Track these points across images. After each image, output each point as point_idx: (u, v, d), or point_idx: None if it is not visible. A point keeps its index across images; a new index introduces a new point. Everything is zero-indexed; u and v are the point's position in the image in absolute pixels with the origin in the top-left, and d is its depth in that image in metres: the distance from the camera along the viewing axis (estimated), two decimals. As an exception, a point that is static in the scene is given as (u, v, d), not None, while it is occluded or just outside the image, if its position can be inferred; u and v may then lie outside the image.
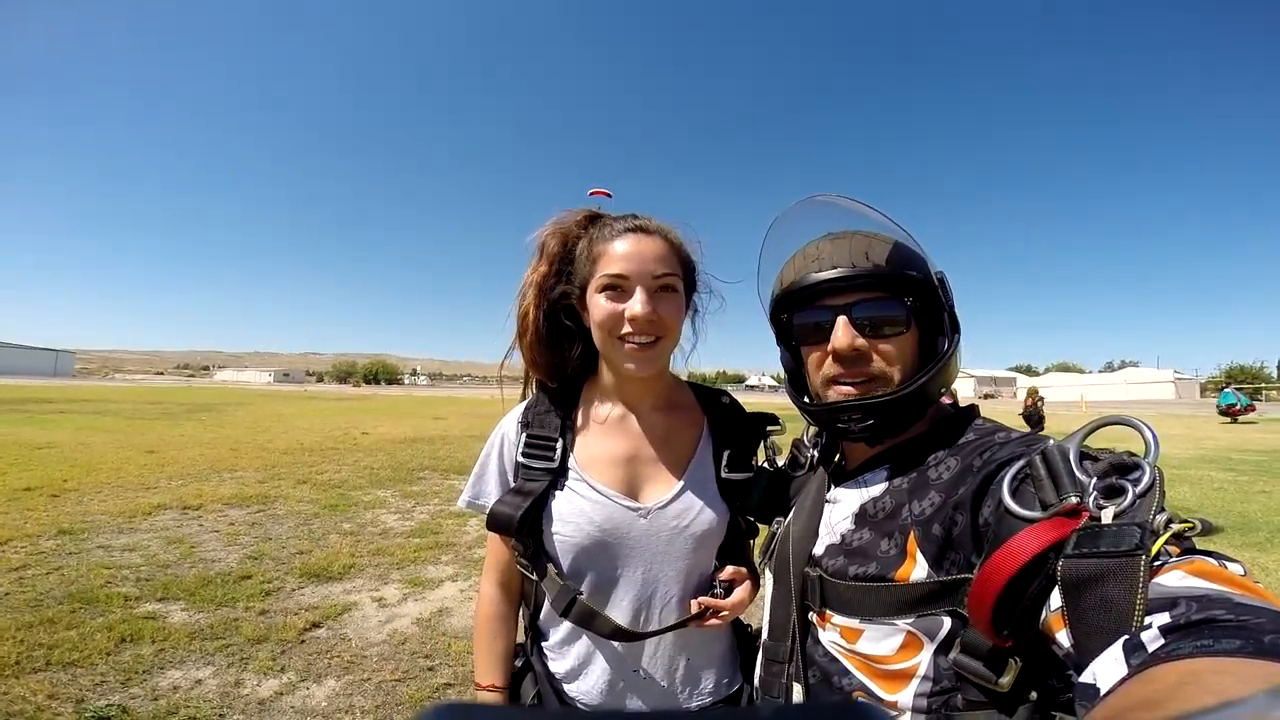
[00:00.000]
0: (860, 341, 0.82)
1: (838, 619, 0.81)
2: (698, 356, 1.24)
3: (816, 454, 1.05)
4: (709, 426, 1.16)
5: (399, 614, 3.76)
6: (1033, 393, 17.37)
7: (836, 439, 0.99)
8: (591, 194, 1.24)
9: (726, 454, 1.12)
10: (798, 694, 0.86)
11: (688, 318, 1.15)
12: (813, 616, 0.86)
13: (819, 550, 0.88)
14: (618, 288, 1.01)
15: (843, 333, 0.82)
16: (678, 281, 1.05)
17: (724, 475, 1.10)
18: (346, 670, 3.03)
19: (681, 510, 1.06)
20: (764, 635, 0.96)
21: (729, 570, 1.08)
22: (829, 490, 0.93)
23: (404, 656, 3.20)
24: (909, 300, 0.83)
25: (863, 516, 0.83)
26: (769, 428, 1.18)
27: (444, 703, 0.19)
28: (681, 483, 1.08)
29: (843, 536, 0.85)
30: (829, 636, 0.83)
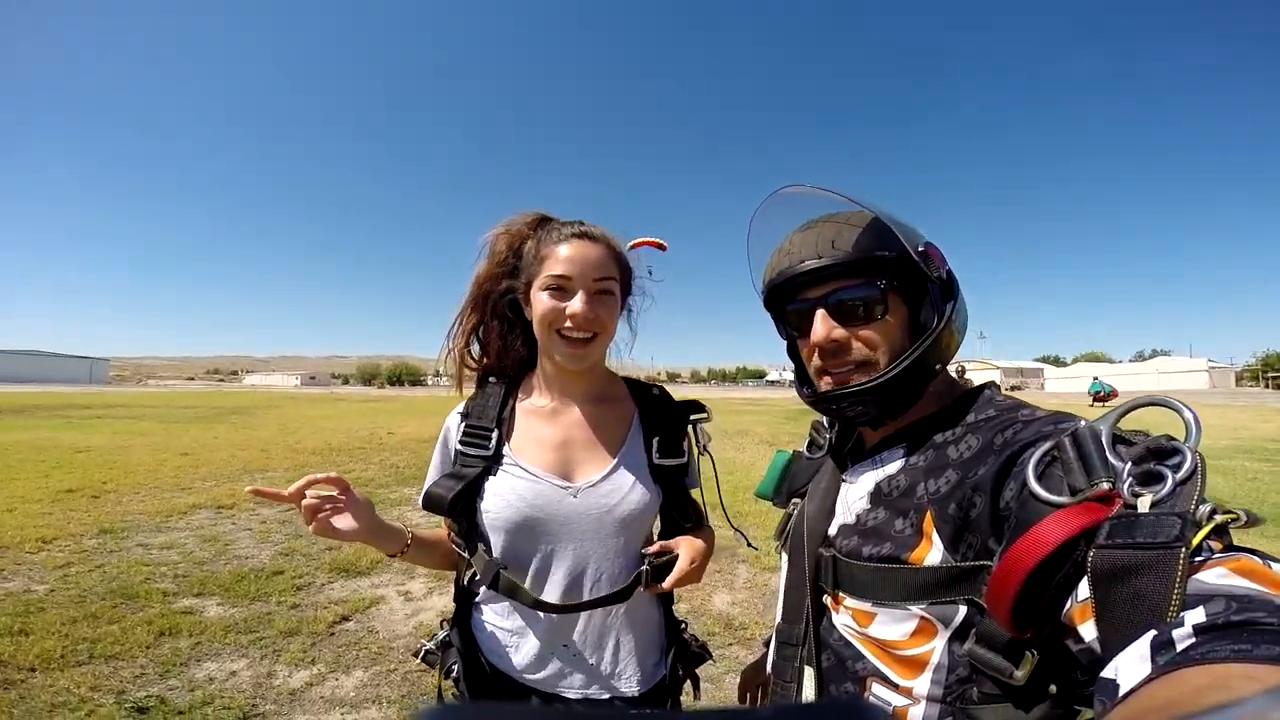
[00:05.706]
0: (839, 332, 0.81)
1: (850, 601, 0.80)
2: (719, 355, 1.28)
3: (834, 436, 1.03)
4: (639, 416, 1.22)
5: (424, 607, 3.84)
6: None
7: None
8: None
9: (656, 440, 1.18)
10: (810, 679, 0.85)
11: (622, 317, 1.22)
12: (826, 599, 0.85)
13: (833, 530, 0.87)
14: (560, 288, 1.09)
15: (820, 326, 0.82)
16: (615, 285, 1.14)
17: (656, 461, 1.16)
18: (374, 661, 3.10)
19: (610, 490, 1.11)
20: (778, 619, 0.94)
21: (655, 545, 1.13)
22: (846, 470, 0.92)
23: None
24: (882, 283, 0.81)
25: (878, 495, 0.81)
26: (694, 415, 1.24)
27: (441, 703, 0.19)
28: (612, 465, 1.14)
29: (858, 516, 0.83)
30: (842, 620, 0.81)
